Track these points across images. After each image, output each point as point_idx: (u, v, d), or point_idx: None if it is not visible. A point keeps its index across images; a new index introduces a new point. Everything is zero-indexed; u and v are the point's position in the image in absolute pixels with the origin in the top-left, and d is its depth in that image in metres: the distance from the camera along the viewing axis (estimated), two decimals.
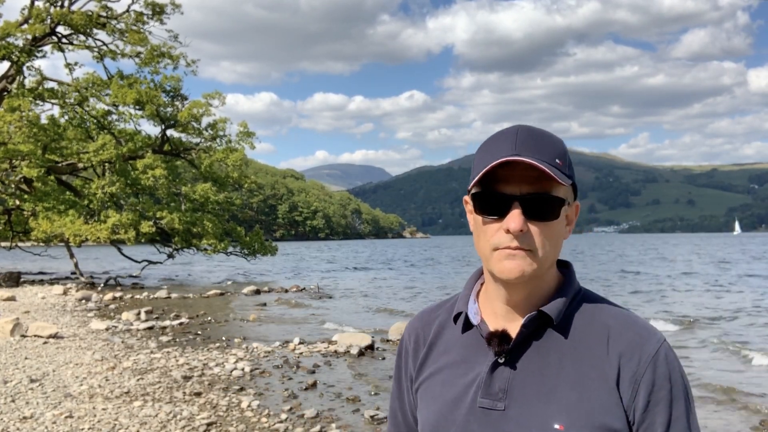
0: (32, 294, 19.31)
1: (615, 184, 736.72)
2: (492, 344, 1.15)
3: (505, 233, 1.10)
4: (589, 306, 1.19)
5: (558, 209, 1.12)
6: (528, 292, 1.16)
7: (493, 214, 1.12)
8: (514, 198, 1.10)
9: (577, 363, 1.12)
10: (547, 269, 1.16)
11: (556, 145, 1.14)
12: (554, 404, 1.10)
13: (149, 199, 25.33)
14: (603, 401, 1.09)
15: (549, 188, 1.11)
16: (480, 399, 1.14)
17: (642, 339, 1.13)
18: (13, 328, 10.70)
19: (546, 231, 1.11)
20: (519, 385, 1.13)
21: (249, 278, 28.52)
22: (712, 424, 6.59)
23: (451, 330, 1.25)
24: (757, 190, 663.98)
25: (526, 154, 1.09)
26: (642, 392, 1.10)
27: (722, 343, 11.47)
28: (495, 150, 1.12)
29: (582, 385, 1.10)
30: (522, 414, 1.11)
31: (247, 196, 39.73)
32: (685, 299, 19.53)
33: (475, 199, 1.15)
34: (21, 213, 24.76)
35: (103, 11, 24.82)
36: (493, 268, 1.13)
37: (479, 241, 1.16)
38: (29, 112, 22.61)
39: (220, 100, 25.59)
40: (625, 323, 1.15)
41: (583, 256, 55.31)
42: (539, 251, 1.11)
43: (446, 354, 1.23)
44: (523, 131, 1.13)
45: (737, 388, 7.96)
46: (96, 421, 5.95)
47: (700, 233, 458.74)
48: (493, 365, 1.15)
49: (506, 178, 1.10)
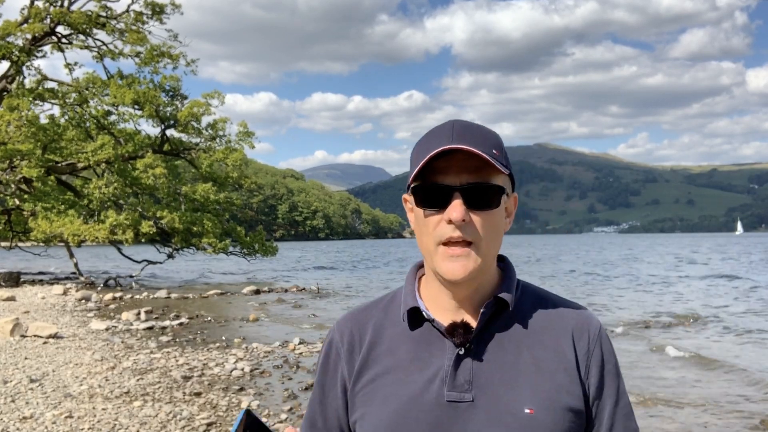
0: (32, 294, 19.31)
1: (615, 184, 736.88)
2: (456, 335, 1.15)
3: (447, 224, 1.10)
4: (531, 294, 1.24)
5: (498, 198, 1.14)
6: (475, 287, 1.18)
7: (434, 206, 1.12)
8: (455, 188, 1.10)
9: (535, 347, 1.17)
10: (491, 262, 1.18)
11: (492, 136, 1.15)
12: (521, 390, 1.13)
13: (149, 199, 25.33)
14: (564, 381, 1.15)
15: (488, 177, 1.12)
16: (447, 392, 1.13)
17: (586, 319, 1.22)
18: (13, 328, 10.69)
19: (487, 220, 1.13)
20: (483, 374, 1.14)
21: (252, 278, 28.53)
22: (711, 423, 6.60)
23: (393, 328, 1.23)
24: (757, 190, 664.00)
25: (464, 144, 1.09)
26: (594, 368, 1.18)
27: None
28: (432, 143, 1.12)
29: (543, 369, 1.15)
30: (491, 403, 1.12)
31: (247, 196, 39.68)
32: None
33: (415, 193, 1.15)
34: (21, 213, 24.75)
35: (103, 11, 24.81)
36: (437, 267, 1.14)
37: (422, 237, 1.16)
38: (27, 112, 22.60)
39: (219, 99, 25.60)
40: (567, 307, 1.24)
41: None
42: (482, 243, 1.12)
43: (392, 353, 1.20)
44: (459, 123, 1.14)
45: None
46: (96, 421, 5.94)
47: (701, 233, 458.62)
48: (457, 357, 1.15)
49: (445, 170, 1.11)
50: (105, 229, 21.93)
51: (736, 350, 11.04)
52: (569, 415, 1.13)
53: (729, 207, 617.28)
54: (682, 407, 7.22)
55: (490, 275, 1.20)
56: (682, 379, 8.65)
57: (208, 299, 19.14)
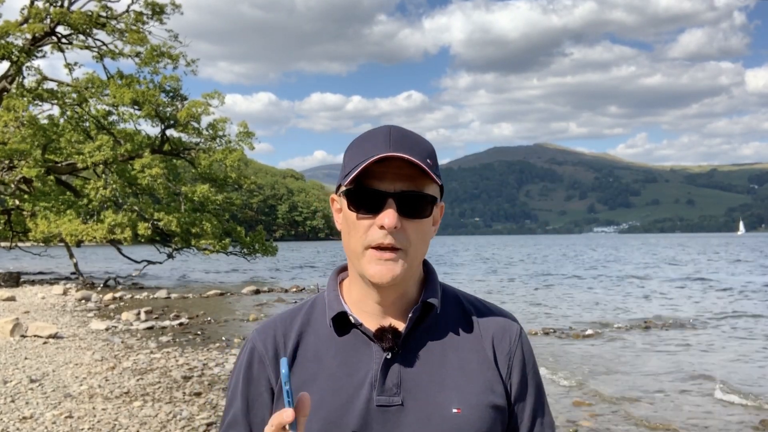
0: (32, 294, 19.31)
1: (615, 185, 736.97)
2: (385, 340, 1.16)
3: (379, 229, 1.11)
4: (453, 297, 1.27)
5: (430, 207, 1.15)
6: (401, 292, 1.19)
7: (367, 211, 1.13)
8: (389, 194, 1.11)
9: (459, 349, 1.20)
10: (417, 268, 1.20)
11: (427, 145, 1.17)
12: (448, 391, 1.16)
13: (149, 200, 25.33)
14: (488, 380, 1.19)
15: (422, 186, 1.13)
16: (377, 397, 1.14)
17: (506, 321, 1.27)
18: (13, 328, 10.69)
19: (418, 228, 1.14)
20: (411, 378, 1.16)
21: (253, 278, 28.53)
22: (713, 423, 6.60)
23: (317, 334, 1.22)
24: (757, 190, 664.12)
25: (403, 152, 1.10)
26: (516, 368, 1.23)
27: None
28: (369, 148, 1.12)
29: (468, 370, 1.19)
30: (420, 405, 1.15)
31: (246, 196, 39.70)
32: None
33: (348, 196, 1.15)
34: (21, 213, 24.76)
35: (103, 11, 24.82)
36: (364, 270, 1.14)
37: (350, 239, 1.16)
38: (24, 113, 22.58)
39: (219, 99, 25.60)
40: (487, 309, 1.28)
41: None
42: (410, 249, 1.14)
43: (318, 360, 1.19)
44: (396, 130, 1.15)
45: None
46: (96, 421, 5.94)
47: (701, 233, 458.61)
48: (385, 362, 1.16)
49: (380, 175, 1.12)
50: (103, 229, 21.92)
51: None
52: (493, 412, 1.17)
53: (729, 207, 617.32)
54: (682, 407, 7.23)
55: (415, 280, 1.22)
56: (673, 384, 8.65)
57: (208, 299, 19.14)
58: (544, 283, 26.01)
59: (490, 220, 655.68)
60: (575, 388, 8.10)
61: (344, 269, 1.29)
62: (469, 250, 78.43)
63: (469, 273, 33.71)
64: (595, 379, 8.68)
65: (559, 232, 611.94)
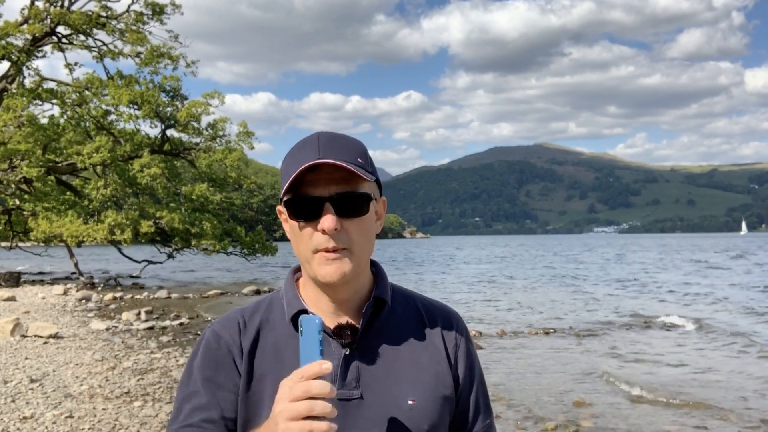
0: (32, 294, 19.32)
1: (615, 184, 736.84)
2: (344, 336, 1.22)
3: (321, 234, 1.17)
4: (400, 294, 1.34)
5: (367, 205, 1.21)
6: (353, 290, 1.25)
7: (308, 218, 1.18)
8: (324, 199, 1.17)
9: (411, 344, 1.28)
10: (366, 265, 1.26)
11: (357, 145, 1.22)
12: (403, 383, 1.23)
13: (149, 199, 25.32)
14: (439, 372, 1.27)
15: (356, 186, 1.18)
16: (338, 391, 1.17)
17: (451, 316, 1.35)
18: (14, 328, 10.69)
19: (359, 226, 1.19)
20: (368, 372, 1.23)
21: (253, 278, 28.53)
22: (712, 423, 6.60)
23: (276, 331, 1.26)
24: (758, 190, 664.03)
25: (331, 156, 1.15)
26: (461, 359, 1.31)
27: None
28: (300, 157, 1.17)
29: (420, 362, 1.26)
30: (377, 398, 1.21)
31: (246, 196, 39.73)
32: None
33: (288, 206, 1.20)
34: (21, 213, 24.77)
35: (103, 11, 24.82)
36: (315, 273, 1.20)
37: (299, 246, 1.21)
38: (22, 112, 22.58)
39: (219, 99, 25.59)
40: (432, 305, 1.36)
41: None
42: (355, 247, 1.19)
43: (278, 355, 1.23)
44: (324, 136, 1.20)
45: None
46: (96, 421, 5.95)
47: (702, 233, 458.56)
48: (344, 357, 1.22)
49: (314, 182, 1.17)
50: (104, 229, 21.93)
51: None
52: (444, 403, 1.26)
53: (729, 207, 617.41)
54: (682, 407, 7.23)
55: (365, 278, 1.27)
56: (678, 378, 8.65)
57: (208, 299, 19.15)
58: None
59: (490, 220, 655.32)
60: (576, 387, 8.10)
61: (299, 269, 1.34)
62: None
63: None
64: (595, 378, 8.68)
65: (559, 232, 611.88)
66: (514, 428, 6.43)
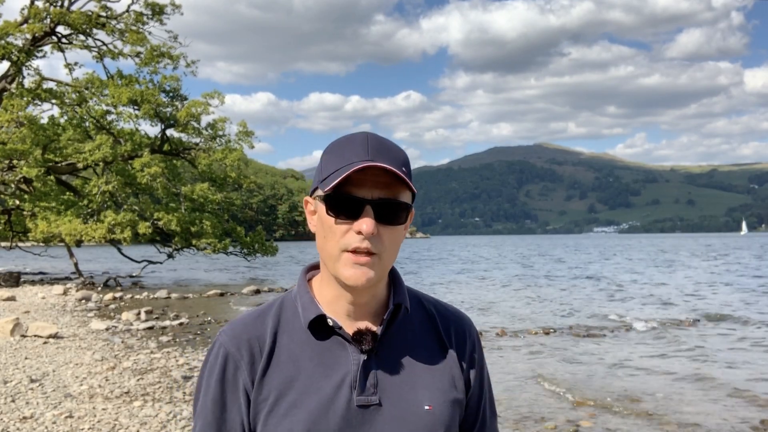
0: (32, 294, 19.32)
1: (615, 184, 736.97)
2: (364, 342, 1.21)
3: (356, 234, 1.16)
4: (414, 298, 1.34)
5: (405, 215, 1.20)
6: (371, 294, 1.24)
7: (346, 217, 1.17)
8: (367, 202, 1.16)
9: (426, 348, 1.28)
10: (387, 272, 1.25)
11: (402, 153, 1.21)
12: (419, 389, 1.23)
13: (149, 199, 25.31)
14: (452, 377, 1.28)
15: (398, 193, 1.18)
16: (357, 397, 1.19)
17: (463, 321, 1.36)
18: (13, 328, 10.70)
19: (392, 234, 1.19)
20: (386, 377, 1.22)
21: (253, 278, 28.53)
22: (711, 421, 6.60)
23: (291, 336, 1.23)
24: (757, 190, 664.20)
25: (380, 160, 1.15)
26: (473, 364, 1.33)
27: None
28: (348, 155, 1.17)
29: (435, 367, 1.27)
30: (395, 403, 1.21)
31: (246, 196, 39.76)
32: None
33: (327, 202, 1.18)
34: (21, 213, 24.77)
35: (103, 11, 24.82)
36: (339, 273, 1.18)
37: (327, 242, 1.20)
38: (21, 113, 22.57)
39: (219, 99, 25.61)
40: (446, 309, 1.36)
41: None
42: (384, 254, 1.19)
43: (294, 362, 1.21)
44: (373, 138, 1.20)
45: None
46: (96, 421, 5.94)
47: (702, 233, 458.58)
48: (363, 363, 1.21)
49: (359, 182, 1.16)
50: (103, 229, 21.93)
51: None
52: (456, 407, 1.27)
53: (729, 207, 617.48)
54: (682, 407, 7.23)
55: (384, 282, 1.28)
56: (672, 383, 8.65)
57: (208, 299, 19.15)
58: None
59: (490, 220, 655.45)
60: (576, 388, 8.10)
61: (312, 268, 1.34)
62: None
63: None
64: (595, 379, 8.69)
65: (559, 232, 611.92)
66: (513, 428, 6.44)
